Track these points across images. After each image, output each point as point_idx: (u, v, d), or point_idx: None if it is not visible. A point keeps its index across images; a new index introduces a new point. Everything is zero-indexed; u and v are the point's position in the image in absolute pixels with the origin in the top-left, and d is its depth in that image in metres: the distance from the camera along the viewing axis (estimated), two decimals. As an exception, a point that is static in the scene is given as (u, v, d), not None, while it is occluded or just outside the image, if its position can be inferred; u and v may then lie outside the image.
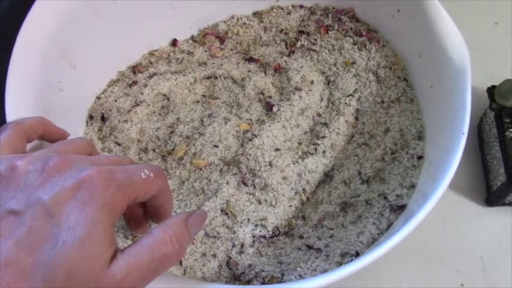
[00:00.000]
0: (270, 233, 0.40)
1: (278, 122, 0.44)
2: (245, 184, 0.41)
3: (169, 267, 0.27)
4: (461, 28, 0.40)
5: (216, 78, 0.49)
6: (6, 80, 0.35)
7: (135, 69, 0.49)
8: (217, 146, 0.43)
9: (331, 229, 0.39)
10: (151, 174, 0.28)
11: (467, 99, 0.36)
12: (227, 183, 0.41)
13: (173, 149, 0.44)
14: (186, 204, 0.41)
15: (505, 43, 0.56)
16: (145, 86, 0.47)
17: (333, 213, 0.40)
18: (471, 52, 0.39)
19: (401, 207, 0.38)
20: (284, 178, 0.42)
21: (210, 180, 0.42)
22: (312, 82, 0.47)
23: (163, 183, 0.29)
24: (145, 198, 0.28)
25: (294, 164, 0.43)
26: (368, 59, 0.47)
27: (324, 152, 0.44)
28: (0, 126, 0.31)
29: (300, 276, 0.35)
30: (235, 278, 0.37)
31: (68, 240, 0.23)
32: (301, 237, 0.39)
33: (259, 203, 0.41)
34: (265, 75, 0.49)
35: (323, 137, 0.44)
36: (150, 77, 0.48)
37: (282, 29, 0.52)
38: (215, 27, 0.52)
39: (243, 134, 0.45)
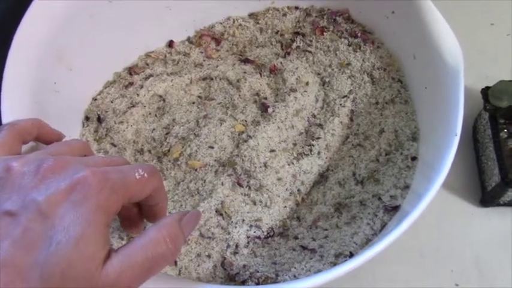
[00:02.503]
0: (265, 233, 0.40)
1: (273, 123, 0.45)
2: (240, 185, 0.41)
3: (164, 267, 0.28)
4: (457, 29, 0.40)
5: (212, 79, 0.49)
6: (2, 82, 0.35)
7: (131, 70, 0.49)
8: (212, 147, 0.44)
9: (326, 230, 0.39)
10: (146, 174, 0.28)
11: (460, 100, 0.37)
12: (222, 184, 0.41)
13: (169, 150, 0.44)
14: (181, 205, 0.41)
15: (501, 44, 0.56)
16: (141, 87, 0.47)
17: (327, 213, 0.41)
18: (467, 53, 0.39)
19: (395, 208, 0.38)
20: (279, 179, 0.42)
21: (205, 181, 0.42)
22: (307, 83, 0.47)
23: (158, 183, 0.30)
24: (140, 198, 0.29)
25: (289, 165, 0.43)
26: (363, 60, 0.48)
27: (318, 153, 0.44)
28: (-4, 128, 0.32)
29: (295, 276, 0.36)
30: (230, 279, 0.37)
31: (62, 241, 0.23)
32: (295, 237, 0.40)
33: (254, 203, 0.41)
34: (261, 76, 0.49)
35: (318, 138, 0.44)
36: (146, 78, 0.48)
37: (278, 31, 0.52)
38: (211, 29, 0.52)
39: (238, 135, 0.45)
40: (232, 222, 0.40)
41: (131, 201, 0.28)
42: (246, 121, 0.46)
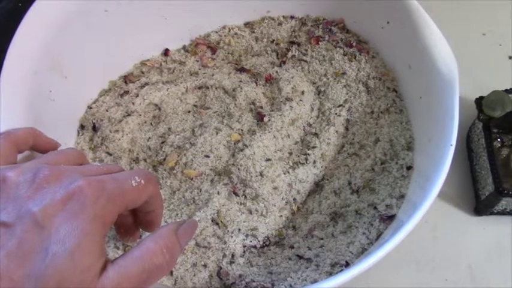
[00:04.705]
0: (261, 243, 0.40)
1: (269, 132, 0.45)
2: (236, 194, 0.41)
3: (160, 278, 0.27)
4: (450, 39, 0.41)
5: (208, 88, 0.49)
6: (-2, 90, 0.35)
7: (126, 79, 0.49)
8: (208, 156, 0.44)
9: (322, 239, 0.40)
10: (142, 181, 0.28)
11: (455, 110, 0.37)
12: (218, 193, 0.41)
13: (164, 159, 0.44)
14: (177, 214, 0.41)
15: (493, 54, 0.57)
16: (137, 95, 0.47)
17: (323, 223, 0.41)
18: (460, 63, 0.39)
19: (391, 217, 0.39)
20: (275, 188, 0.42)
21: (201, 190, 0.42)
22: (302, 92, 0.48)
23: (154, 189, 0.30)
24: (136, 205, 0.29)
25: (284, 174, 0.43)
26: (358, 69, 0.48)
27: (314, 162, 0.44)
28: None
29: (291, 286, 0.35)
30: (226, 288, 0.37)
31: (58, 252, 0.23)
32: (291, 247, 0.40)
33: (250, 213, 0.41)
34: (257, 85, 0.49)
35: (313, 147, 0.45)
36: (142, 86, 0.48)
37: (273, 40, 0.52)
38: (207, 37, 0.52)
39: (234, 144, 0.45)
40: (228, 231, 0.40)
41: (128, 209, 0.28)
42: (241, 130, 0.46)
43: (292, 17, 0.53)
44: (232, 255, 0.39)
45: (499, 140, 0.45)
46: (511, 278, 0.44)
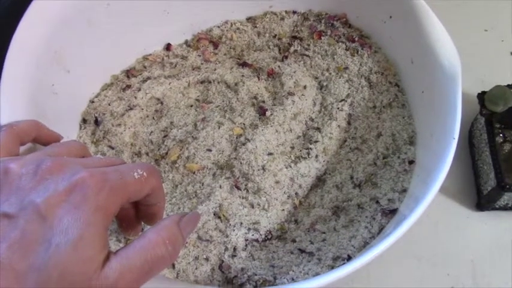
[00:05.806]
0: (263, 236, 0.40)
1: (271, 126, 0.45)
2: (238, 188, 0.41)
3: (163, 269, 0.27)
4: (452, 34, 0.41)
5: (210, 82, 0.49)
6: (0, 83, 0.35)
7: (128, 73, 0.49)
8: (210, 150, 0.44)
9: (324, 233, 0.40)
10: (145, 174, 0.28)
11: (457, 104, 0.37)
12: (220, 187, 0.41)
13: (166, 153, 0.44)
14: (179, 208, 0.41)
15: (495, 49, 0.57)
16: (139, 90, 0.47)
17: (325, 217, 0.41)
18: (462, 58, 0.39)
19: (393, 211, 0.39)
20: (277, 182, 0.42)
21: (203, 184, 0.42)
22: (304, 87, 0.48)
23: (157, 182, 0.29)
24: (138, 197, 0.29)
25: (286, 168, 0.43)
26: (360, 64, 0.48)
27: (316, 156, 0.44)
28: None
29: (293, 279, 0.36)
30: (228, 282, 0.37)
31: (61, 243, 0.23)
32: (293, 240, 0.40)
33: (252, 206, 0.41)
34: (259, 80, 0.49)
35: (315, 142, 0.45)
36: (144, 81, 0.48)
37: (276, 34, 0.52)
38: (209, 32, 0.52)
39: (236, 138, 0.45)
40: (230, 225, 0.40)
41: (130, 201, 0.28)
42: (244, 124, 0.46)
43: (294, 12, 0.53)
44: (234, 249, 0.39)
45: (501, 135, 0.45)
46: (512, 273, 0.44)
